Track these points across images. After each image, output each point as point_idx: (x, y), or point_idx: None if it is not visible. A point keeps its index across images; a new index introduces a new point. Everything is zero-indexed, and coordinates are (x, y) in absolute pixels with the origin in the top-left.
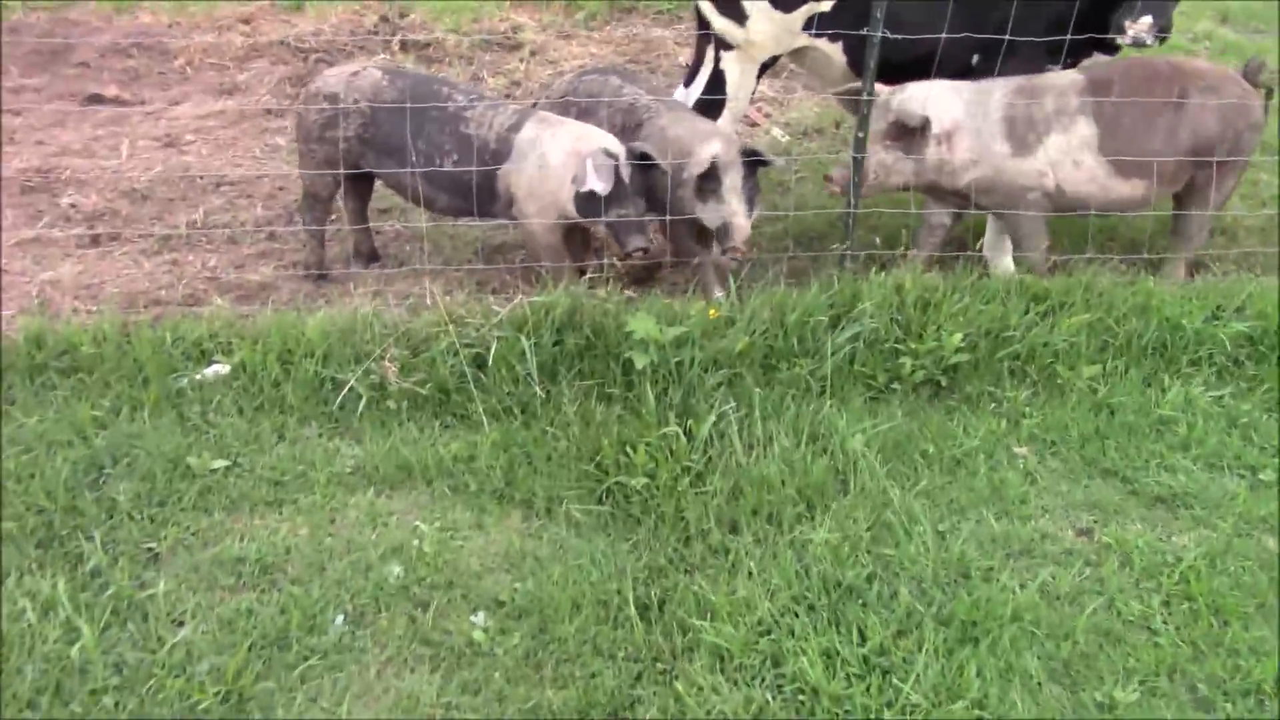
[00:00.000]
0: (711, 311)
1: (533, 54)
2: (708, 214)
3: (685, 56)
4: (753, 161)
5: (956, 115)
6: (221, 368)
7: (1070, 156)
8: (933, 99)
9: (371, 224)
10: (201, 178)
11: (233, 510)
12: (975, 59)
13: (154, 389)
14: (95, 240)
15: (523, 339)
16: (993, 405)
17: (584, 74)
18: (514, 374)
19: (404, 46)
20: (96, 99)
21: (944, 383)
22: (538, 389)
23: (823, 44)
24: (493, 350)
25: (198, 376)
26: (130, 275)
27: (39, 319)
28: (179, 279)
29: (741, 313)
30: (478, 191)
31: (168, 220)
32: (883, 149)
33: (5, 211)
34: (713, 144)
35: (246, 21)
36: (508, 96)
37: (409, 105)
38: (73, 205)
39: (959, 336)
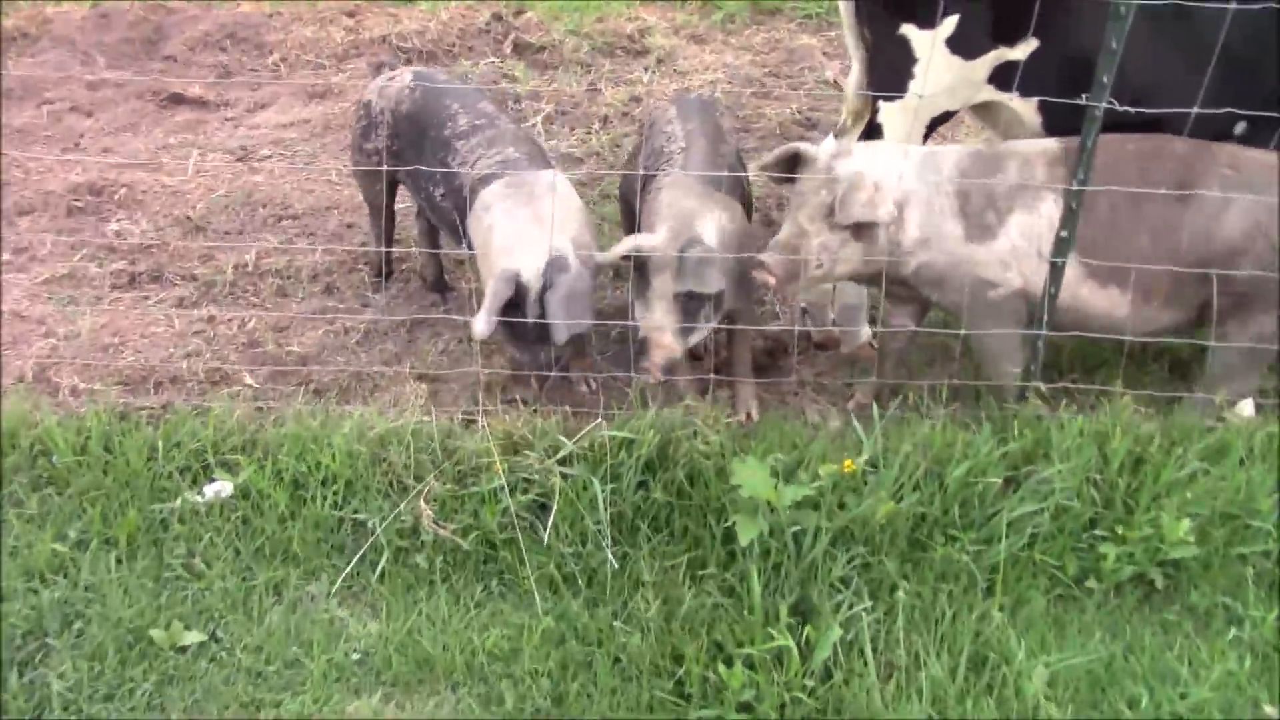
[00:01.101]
0: (847, 465)
1: (660, 61)
2: (640, 319)
3: (835, 70)
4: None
5: (907, 183)
6: (223, 488)
7: (1034, 244)
8: (879, 163)
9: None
10: (264, 207)
11: (193, 712)
12: (1240, 127)
13: (133, 517)
14: (133, 280)
15: (595, 482)
16: (1231, 629)
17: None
18: (581, 528)
19: (516, 49)
20: (177, 100)
21: (1160, 584)
22: (609, 554)
23: (1015, 101)
24: (556, 495)
25: (194, 497)
26: (156, 334)
27: (23, 406)
28: (208, 343)
29: (883, 463)
30: (465, 236)
31: (217, 260)
32: (827, 229)
33: (45, 239)
34: (650, 232)
35: (351, 15)
36: (625, 115)
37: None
38: (119, 234)
39: (1185, 523)
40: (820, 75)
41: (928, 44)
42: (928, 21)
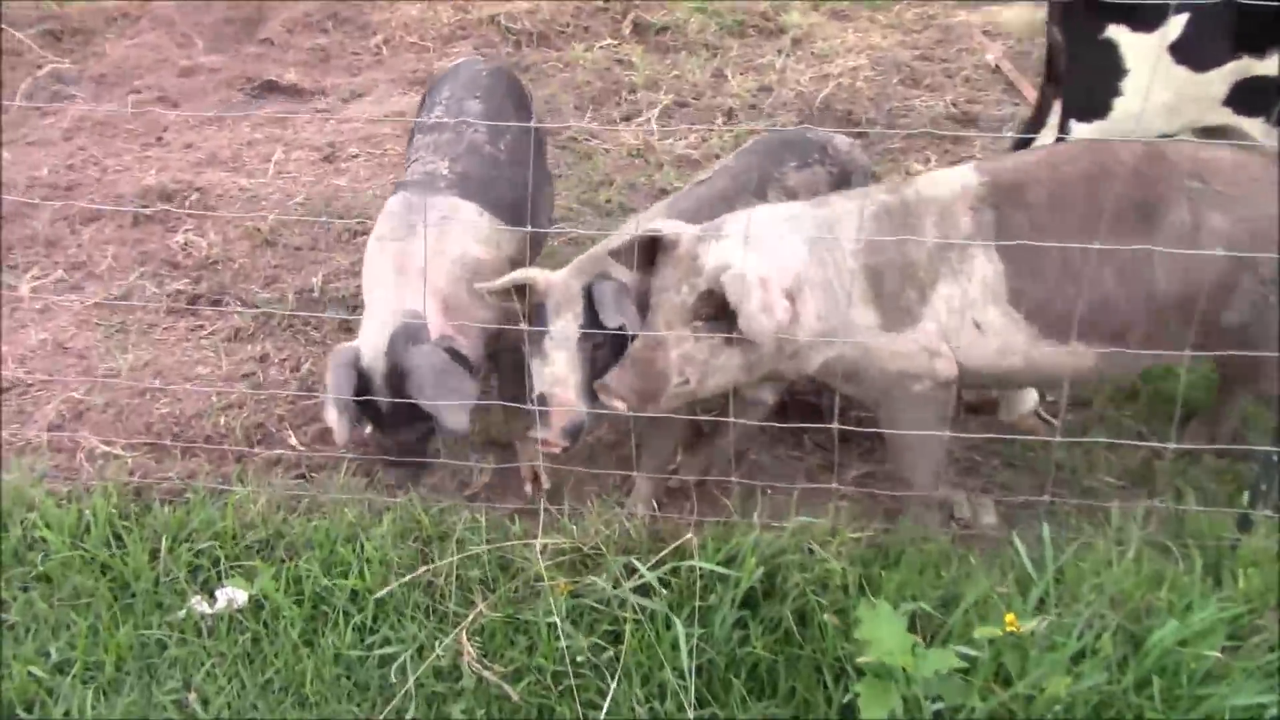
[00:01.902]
0: (1010, 621)
1: (795, 43)
2: (536, 375)
3: (998, 54)
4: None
5: (798, 264)
6: (236, 597)
7: (968, 315)
8: (759, 239)
9: None
10: (341, 218)
11: None
12: None
13: (125, 635)
14: (192, 302)
15: (678, 623)
16: None
17: None
18: (658, 679)
19: (636, 30)
20: (270, 87)
21: None
22: (693, 718)
23: (1254, 126)
24: (628, 634)
25: (201, 606)
26: (200, 375)
27: (24, 481)
28: (255, 389)
29: (1054, 604)
30: None
31: (280, 283)
32: (691, 336)
33: (107, 251)
34: (554, 274)
35: None
36: (752, 107)
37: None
38: (185, 246)
39: None
40: (980, 59)
41: (1144, 51)
42: (1146, 22)
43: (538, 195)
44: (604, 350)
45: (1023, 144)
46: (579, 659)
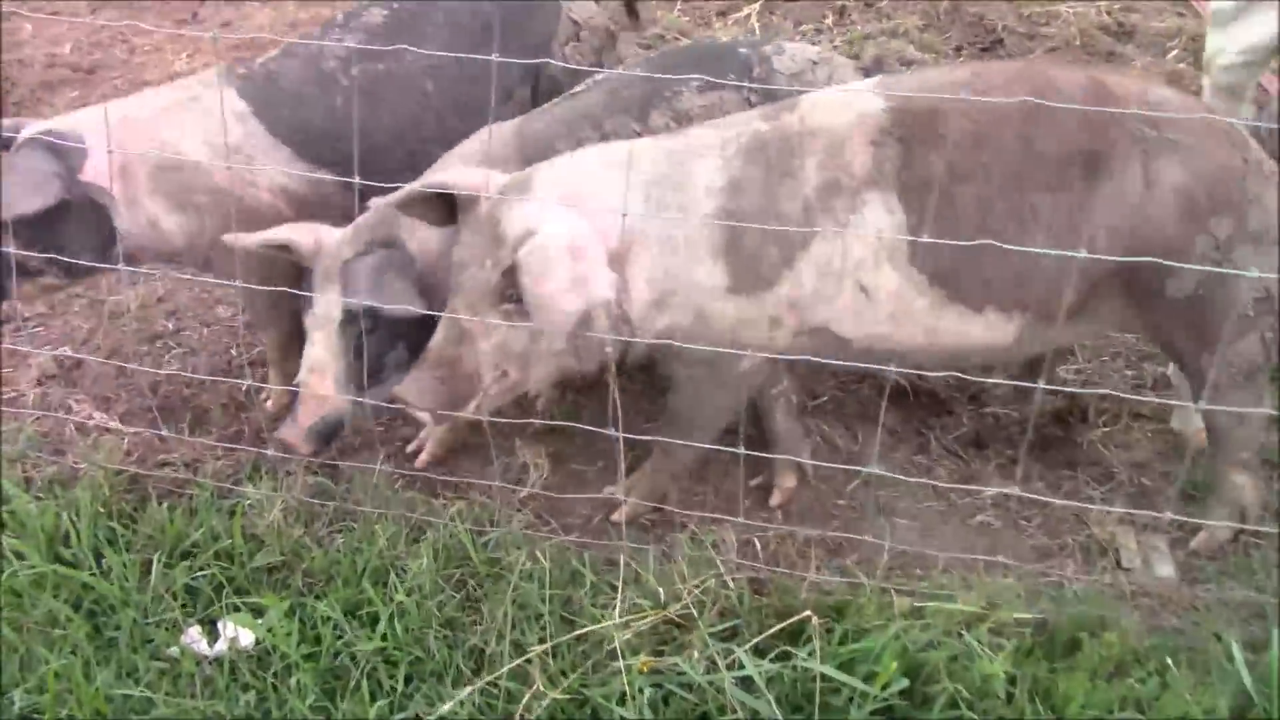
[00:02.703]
0: None
1: None
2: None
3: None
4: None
5: (628, 217)
6: (240, 636)
7: (853, 276)
8: (581, 189)
9: None
10: None
11: None
12: None
13: (97, 692)
14: None
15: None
16: None
17: None
18: None
19: None
20: None
21: None
22: None
23: None
24: None
25: (198, 646)
26: (218, 320)
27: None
28: None
29: None
30: None
31: None
32: (500, 319)
33: None
34: (334, 232)
35: None
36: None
37: None
38: None
39: None
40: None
41: None
42: None
43: None
44: (385, 331)
45: None
46: None
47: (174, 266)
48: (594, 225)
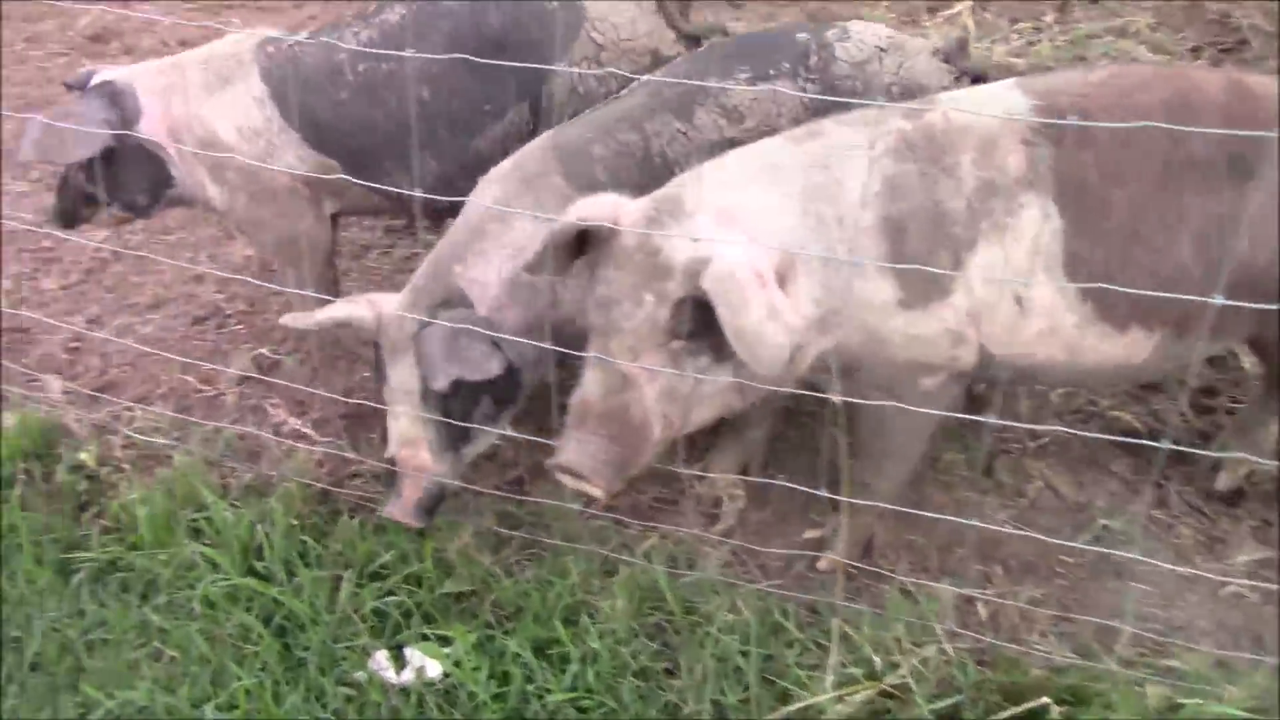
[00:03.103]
0: None
1: None
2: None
3: None
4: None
5: (787, 230)
6: (428, 666)
7: (1008, 287)
8: (730, 203)
9: None
10: None
11: None
12: None
13: (293, 702)
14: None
15: None
16: None
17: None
18: None
19: None
20: None
21: None
22: None
23: None
24: None
25: (384, 674)
26: None
27: (199, 461)
28: None
29: None
30: None
31: None
32: (667, 359)
33: None
34: (390, 300)
35: None
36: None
37: None
38: None
39: None
40: None
41: None
42: None
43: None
44: (468, 391)
45: None
46: None
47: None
48: (761, 253)
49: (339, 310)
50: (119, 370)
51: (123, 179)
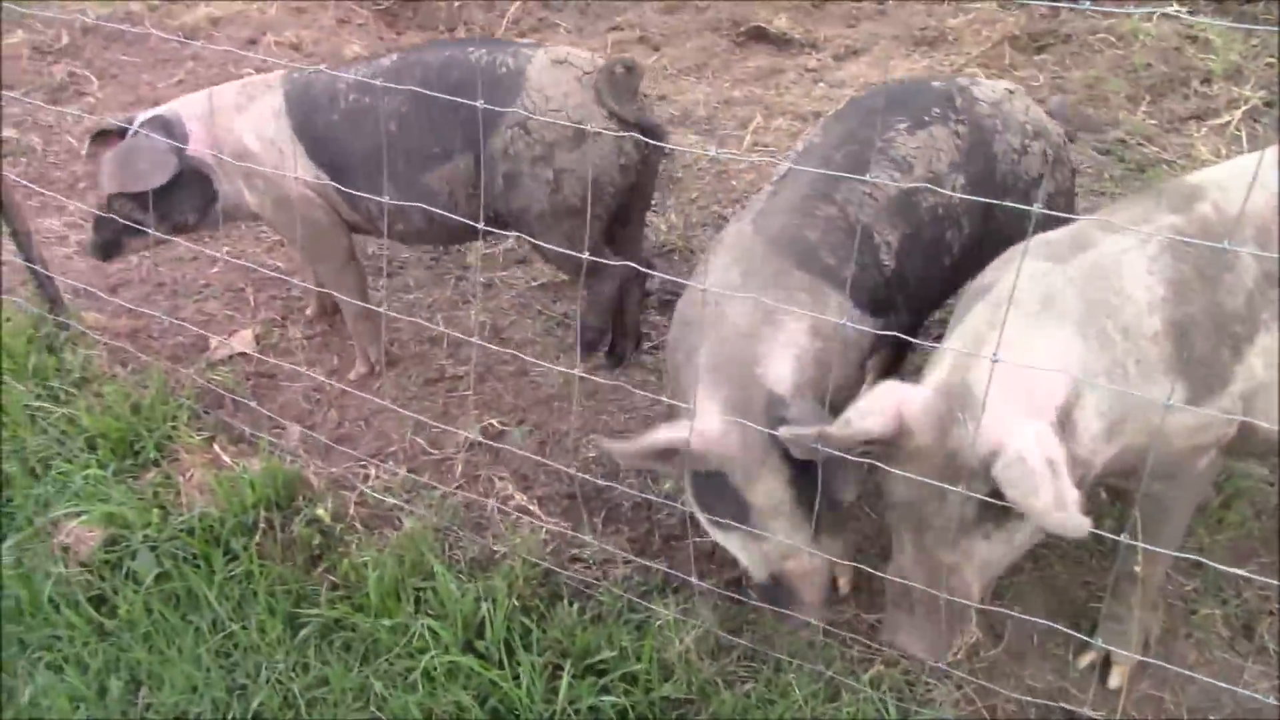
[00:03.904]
0: None
1: None
2: (721, 537)
3: None
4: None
5: (1071, 361)
6: None
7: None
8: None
9: None
10: None
11: None
12: None
13: None
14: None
15: None
16: None
17: None
18: None
19: None
20: (758, 35)
21: None
22: None
23: None
24: None
25: None
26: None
27: (429, 530)
28: None
29: None
30: None
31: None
32: (983, 542)
33: None
34: (708, 418)
35: None
36: None
37: None
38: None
39: None
40: None
41: None
42: None
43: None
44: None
45: None
46: None
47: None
48: (1041, 391)
49: (660, 438)
50: (353, 424)
51: (174, 200)
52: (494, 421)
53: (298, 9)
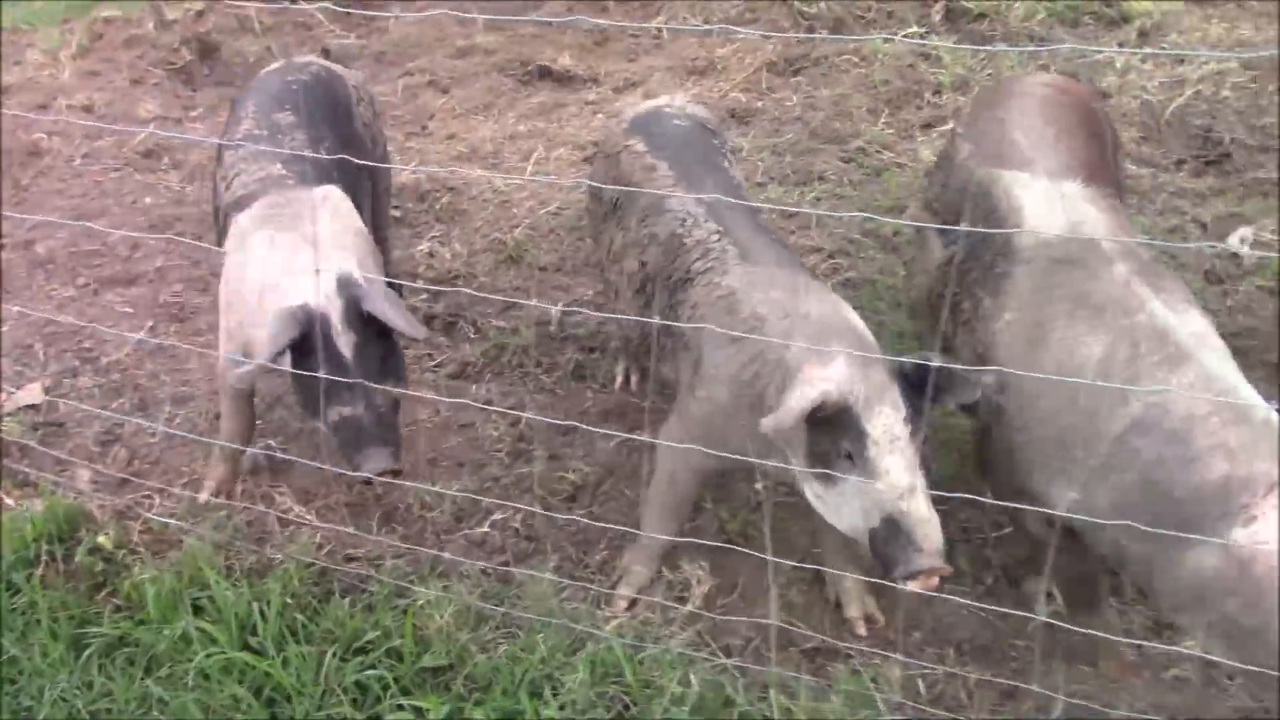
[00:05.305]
0: None
1: (1142, 36)
2: (831, 498)
3: None
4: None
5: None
6: None
7: None
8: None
9: None
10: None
11: None
12: None
13: None
14: (428, 323)
15: None
16: None
17: None
18: None
19: (948, 16)
20: (543, 73)
21: None
22: None
23: None
24: None
25: None
26: (417, 422)
27: (207, 544)
28: (471, 443)
29: None
30: None
31: (517, 311)
32: None
33: None
34: (834, 366)
35: None
36: None
37: None
38: (430, 256)
39: None
40: None
41: None
42: None
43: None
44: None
45: None
46: None
47: None
48: None
49: (811, 394)
50: (142, 463)
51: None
52: (271, 442)
53: (90, 72)
